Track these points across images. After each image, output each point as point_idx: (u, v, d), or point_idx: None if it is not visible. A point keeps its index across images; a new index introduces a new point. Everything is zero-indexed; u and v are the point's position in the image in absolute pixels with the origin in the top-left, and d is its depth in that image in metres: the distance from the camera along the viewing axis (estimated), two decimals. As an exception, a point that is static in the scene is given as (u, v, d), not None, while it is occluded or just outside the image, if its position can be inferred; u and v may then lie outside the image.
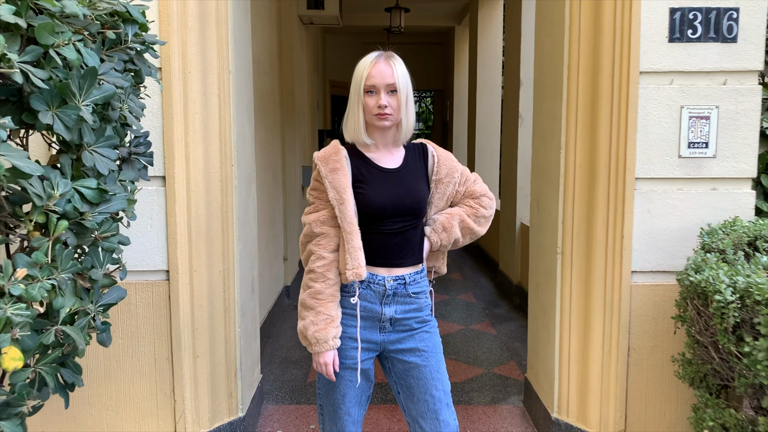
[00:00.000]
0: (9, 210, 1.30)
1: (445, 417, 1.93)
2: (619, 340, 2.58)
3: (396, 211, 1.90)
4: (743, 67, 2.49)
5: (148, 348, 2.57)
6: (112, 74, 1.49)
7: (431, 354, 1.96)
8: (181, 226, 2.52)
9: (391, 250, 1.92)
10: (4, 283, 1.22)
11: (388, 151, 1.97)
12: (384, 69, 1.85)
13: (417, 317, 1.96)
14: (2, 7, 1.14)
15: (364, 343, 1.93)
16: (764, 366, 1.61)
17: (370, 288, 1.91)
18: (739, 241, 2.07)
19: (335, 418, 1.99)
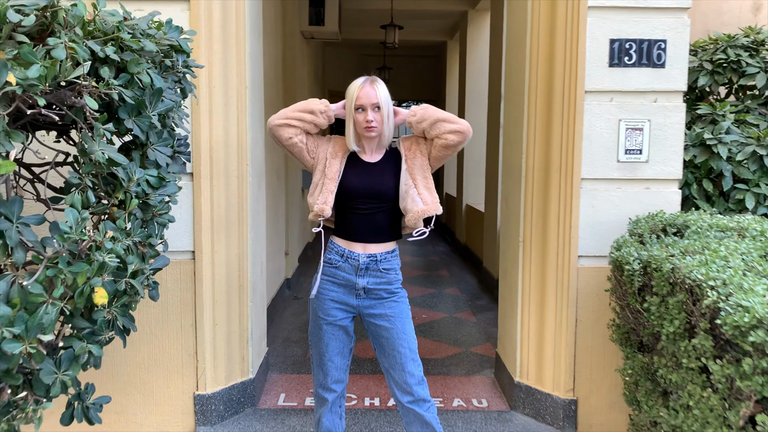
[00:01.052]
0: (103, 189, 1.82)
1: (410, 368, 2.44)
2: (569, 314, 3.10)
3: (367, 193, 2.41)
4: (670, 88, 3.03)
5: (175, 316, 3.08)
6: (169, 92, 2.02)
7: (397, 319, 2.45)
8: (204, 214, 3.04)
9: (365, 228, 2.43)
10: (101, 239, 1.74)
11: (372, 152, 2.49)
12: (369, 92, 2.38)
13: (386, 288, 2.45)
14: (108, 49, 1.67)
15: (342, 305, 2.45)
16: (656, 317, 2.13)
17: (348, 262, 2.43)
18: (655, 227, 2.60)
19: (321, 363, 2.51)
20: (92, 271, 1.74)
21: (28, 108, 1.52)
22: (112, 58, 1.70)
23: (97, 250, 1.75)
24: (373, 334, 2.50)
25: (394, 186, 2.45)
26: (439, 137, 2.38)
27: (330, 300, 2.45)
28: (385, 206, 2.45)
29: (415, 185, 2.42)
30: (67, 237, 1.63)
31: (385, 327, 2.45)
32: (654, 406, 2.29)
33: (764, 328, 1.56)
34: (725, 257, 1.99)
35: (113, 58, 1.71)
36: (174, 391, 3.11)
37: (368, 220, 2.44)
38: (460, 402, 3.46)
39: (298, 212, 6.69)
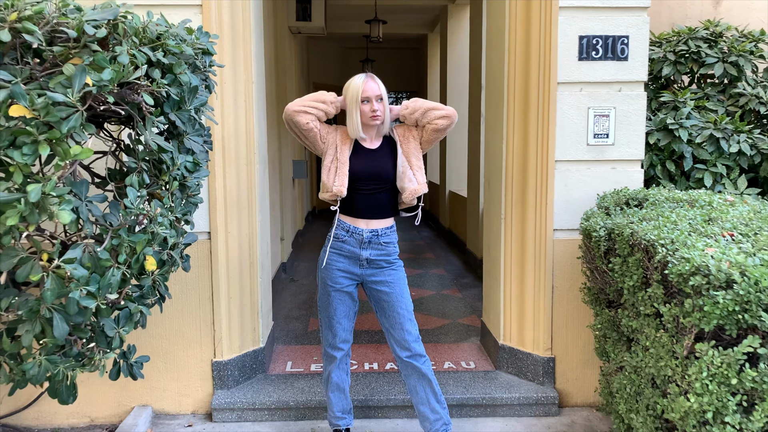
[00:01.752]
0: (154, 172, 2.15)
1: (408, 327, 2.82)
2: (546, 281, 3.47)
3: (370, 176, 2.78)
4: (633, 79, 3.41)
5: (194, 291, 3.41)
6: (201, 90, 2.35)
7: (396, 284, 2.83)
8: (219, 198, 3.36)
9: (368, 207, 2.80)
10: (154, 214, 2.07)
11: (371, 140, 2.86)
12: (373, 85, 2.75)
13: (386, 259, 2.83)
14: (158, 54, 1.99)
15: (348, 273, 2.82)
16: (619, 274, 2.51)
17: (353, 236, 2.79)
18: (619, 201, 2.98)
19: (330, 326, 2.88)
20: (146, 241, 2.08)
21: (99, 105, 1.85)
22: (161, 62, 2.02)
23: (150, 223, 2.08)
24: (375, 298, 2.85)
25: (392, 169, 2.81)
26: (430, 123, 2.77)
27: (337, 270, 2.81)
28: (385, 187, 2.81)
29: (411, 167, 2.79)
30: (129, 211, 1.97)
31: (385, 292, 2.81)
32: (619, 353, 2.68)
33: (701, 274, 1.94)
34: (675, 222, 2.37)
35: (162, 62, 2.03)
36: (193, 359, 3.45)
37: (371, 199, 2.79)
38: (450, 364, 3.84)
39: (290, 200, 7.01)
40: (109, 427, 3.38)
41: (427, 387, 2.83)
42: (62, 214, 1.77)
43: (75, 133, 1.79)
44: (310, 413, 3.38)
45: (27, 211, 1.73)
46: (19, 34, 1.76)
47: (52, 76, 1.80)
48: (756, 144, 3.99)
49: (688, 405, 1.99)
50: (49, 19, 1.82)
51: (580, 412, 3.48)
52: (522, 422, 3.36)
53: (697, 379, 1.95)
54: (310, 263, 6.86)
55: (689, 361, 2.03)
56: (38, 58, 1.85)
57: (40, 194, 1.71)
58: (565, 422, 3.36)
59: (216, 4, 3.27)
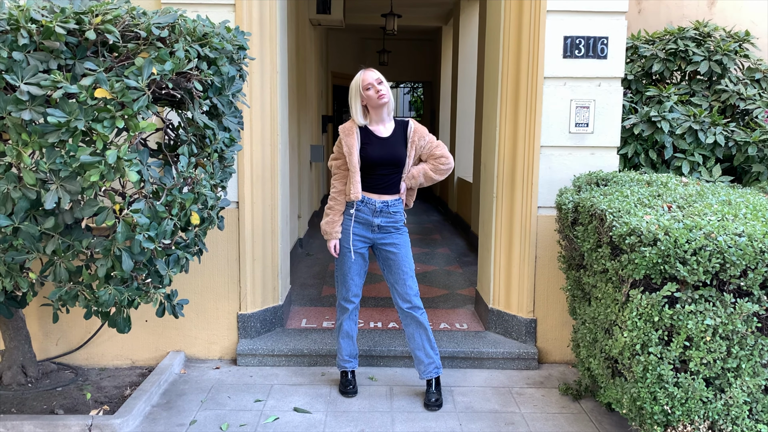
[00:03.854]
0: (200, 144, 2.66)
1: (410, 283, 3.33)
2: (530, 252, 3.96)
3: (385, 162, 3.28)
4: (611, 75, 3.87)
5: (223, 252, 3.94)
6: (236, 78, 2.86)
7: (401, 247, 3.35)
8: (246, 173, 3.88)
9: (381, 185, 3.31)
10: (199, 178, 2.59)
11: (383, 124, 3.35)
12: (371, 74, 3.25)
13: (394, 225, 3.34)
14: (206, 49, 2.50)
15: (362, 237, 3.33)
16: (581, 240, 2.99)
17: (367, 206, 3.29)
18: (590, 181, 3.46)
19: (344, 282, 3.39)
20: (192, 200, 2.59)
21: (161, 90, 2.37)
22: (207, 55, 2.54)
23: (195, 185, 2.60)
24: (383, 258, 3.36)
25: (404, 154, 3.33)
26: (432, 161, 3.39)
27: (353, 234, 3.32)
28: (397, 169, 3.32)
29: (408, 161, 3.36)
30: (181, 174, 2.49)
31: (393, 252, 3.32)
32: (582, 307, 3.16)
33: (635, 234, 2.42)
34: (626, 196, 2.85)
35: (208, 56, 2.54)
36: (221, 312, 3.98)
37: (385, 179, 3.31)
38: (445, 325, 4.34)
39: (307, 182, 7.53)
40: (147, 368, 3.93)
41: (423, 334, 3.34)
42: (131, 174, 2.29)
43: (142, 111, 2.31)
44: (321, 360, 3.91)
45: (106, 170, 2.25)
46: (102, 33, 2.28)
47: (125, 67, 2.32)
48: (732, 136, 4.42)
49: (623, 340, 2.48)
50: (125, 21, 2.33)
51: (557, 367, 3.97)
52: (505, 374, 3.86)
53: (629, 318, 2.44)
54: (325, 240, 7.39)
55: (625, 306, 2.52)
56: (114, 52, 2.37)
57: (116, 158, 2.24)
58: (543, 375, 3.86)
59: (247, 3, 3.77)
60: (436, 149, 3.37)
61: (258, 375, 3.79)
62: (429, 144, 3.36)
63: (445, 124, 10.89)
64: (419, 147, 3.35)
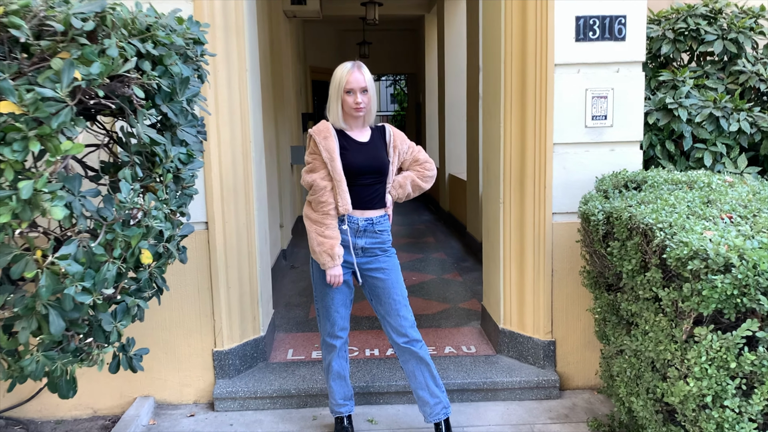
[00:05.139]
0: (147, 165, 2.13)
1: (404, 313, 2.82)
2: (545, 265, 3.47)
3: (367, 170, 2.77)
4: (630, 59, 3.37)
5: (193, 281, 3.41)
6: (193, 80, 2.32)
7: (390, 271, 2.84)
8: (215, 188, 3.35)
9: (364, 198, 2.79)
10: (148, 207, 2.06)
11: (359, 130, 2.84)
12: (358, 77, 2.71)
13: (380, 247, 2.84)
14: (148, 45, 1.97)
15: (344, 262, 2.79)
16: (617, 258, 2.50)
17: (349, 225, 2.78)
18: (618, 184, 2.96)
19: (328, 315, 2.88)
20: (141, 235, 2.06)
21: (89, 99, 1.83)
22: (151, 53, 2.00)
23: (144, 217, 2.07)
24: (370, 286, 2.85)
25: (387, 160, 2.83)
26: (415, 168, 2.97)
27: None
28: (382, 179, 2.82)
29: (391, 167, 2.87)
30: (123, 206, 1.95)
31: (380, 279, 2.81)
32: (619, 336, 2.67)
33: (699, 258, 1.92)
34: (673, 205, 2.36)
35: (152, 53, 2.00)
36: (194, 348, 3.45)
37: (368, 191, 2.78)
38: (450, 349, 3.84)
39: (289, 186, 6.99)
40: (111, 418, 3.39)
41: (425, 371, 2.83)
42: (55, 210, 1.76)
43: (65, 129, 1.77)
44: (312, 401, 3.39)
45: (19, 208, 1.72)
46: (6, 28, 1.73)
47: (40, 71, 1.78)
48: (756, 122, 3.96)
49: (687, 389, 1.99)
50: (37, 13, 1.79)
51: (581, 394, 3.49)
52: (523, 406, 3.37)
53: (696, 363, 1.95)
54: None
55: (688, 345, 2.03)
56: (26, 52, 1.82)
57: (31, 191, 1.70)
58: (567, 405, 3.37)
59: (208, -9, 3.23)
60: (420, 154, 2.98)
61: (239, 422, 3.26)
62: (410, 149, 2.96)
63: (433, 117, 10.38)
64: (401, 152, 2.91)
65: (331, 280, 2.76)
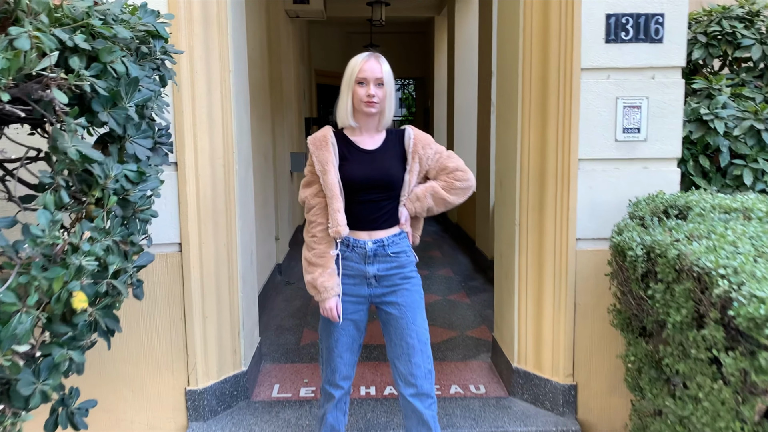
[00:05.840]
0: (78, 187, 1.71)
1: (417, 360, 2.36)
2: (567, 298, 3.02)
3: (370, 184, 2.33)
4: (668, 64, 2.93)
5: (163, 310, 2.99)
6: (146, 81, 1.90)
7: (408, 308, 2.38)
8: (191, 205, 2.93)
9: (369, 217, 2.35)
10: (78, 241, 1.64)
11: (370, 135, 2.40)
12: (374, 65, 2.29)
13: (399, 273, 2.38)
14: (77, 37, 1.55)
15: (353, 297, 2.37)
16: (661, 304, 2.06)
17: (355, 251, 2.34)
18: (656, 209, 2.52)
19: (329, 359, 2.43)
20: (69, 275, 1.64)
21: (-9, 104, 1.41)
22: (82, 47, 1.58)
23: (73, 252, 1.64)
24: (383, 321, 2.44)
25: (399, 172, 2.38)
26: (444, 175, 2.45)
27: (343, 295, 2.37)
28: (391, 194, 2.38)
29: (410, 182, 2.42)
30: (40, 241, 1.53)
31: (394, 316, 2.37)
32: (659, 394, 2.23)
33: (780, 320, 1.49)
34: (734, 242, 1.91)
35: (83, 47, 1.58)
36: (164, 386, 3.03)
37: (374, 208, 2.36)
38: (457, 389, 3.40)
39: (287, 195, 6.57)
40: (69, 465, 2.97)
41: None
42: (-58, 249, 1.34)
43: (-43, 143, 1.36)
44: (297, 450, 2.97)
45: None
46: None
47: (-74, 68, 1.37)
48: (801, 137, 3.52)
49: (760, 485, 1.55)
50: None
51: (606, 447, 3.04)
52: (539, 460, 2.93)
53: (775, 457, 1.51)
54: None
55: (762, 429, 1.59)
56: None
57: None
58: (589, 460, 2.93)
59: (184, -20, 2.81)
60: (448, 160, 2.44)
61: (212, 475, 2.84)
62: (437, 154, 2.43)
63: (441, 123, 9.94)
64: (425, 159, 2.40)
65: (324, 313, 2.34)
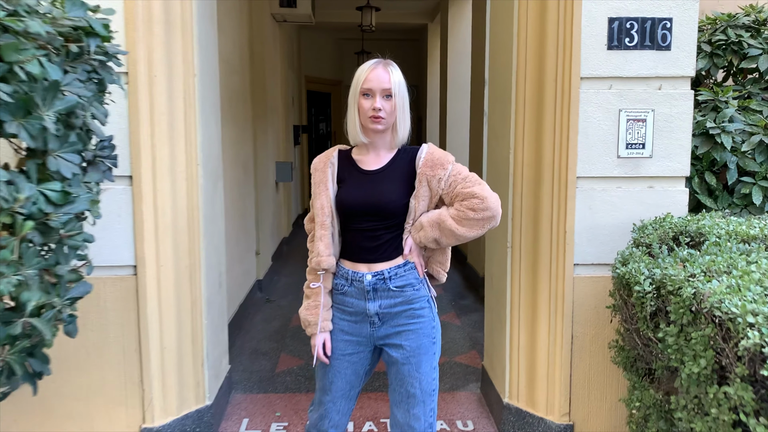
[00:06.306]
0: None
1: (417, 412, 2.04)
2: (563, 329, 2.75)
3: (365, 210, 2.02)
4: (676, 73, 2.67)
5: (117, 340, 2.69)
6: (75, 85, 1.62)
7: (413, 354, 2.04)
8: (147, 223, 2.64)
9: (367, 247, 2.04)
10: (-24, 278, 1.35)
11: (377, 155, 2.07)
12: (381, 74, 1.97)
13: (406, 311, 2.03)
14: (-31, 30, 1.27)
15: (353, 336, 2.07)
16: (674, 350, 1.78)
17: (353, 285, 2.04)
18: (665, 236, 2.25)
19: (321, 402, 2.13)
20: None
21: None
22: (-23, 43, 1.30)
23: (-31, 291, 1.36)
24: (386, 361, 2.13)
25: (400, 197, 2.03)
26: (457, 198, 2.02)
27: (339, 330, 2.09)
28: (389, 222, 2.04)
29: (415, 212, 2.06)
30: None
31: (396, 360, 2.06)
32: (668, 449, 1.95)
33: (827, 386, 1.21)
34: (760, 281, 1.64)
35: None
36: (118, 424, 2.73)
37: (370, 237, 2.05)
38: (443, 425, 3.12)
39: (270, 207, 6.28)
40: None
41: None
42: None
43: None
44: (263, 497, 2.67)
45: None
46: None
47: None
48: (814, 153, 3.26)
49: None
50: None
51: (605, 494, 2.76)
52: None
53: None
54: (293, 278, 6.13)
55: None
56: None
57: None
58: None
59: (143, -25, 2.54)
60: (463, 186, 1.97)
61: None
62: (453, 177, 1.99)
63: (434, 132, 9.68)
64: (436, 182, 1.99)
65: (312, 350, 2.07)
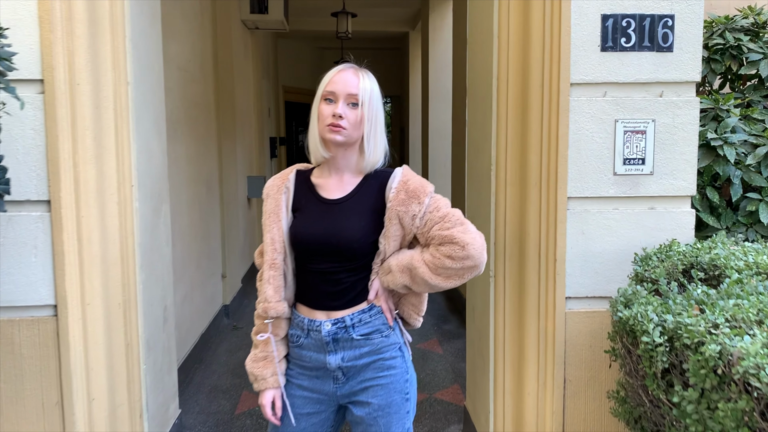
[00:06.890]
0: None
1: None
2: (555, 371, 2.39)
3: (322, 248, 1.66)
4: (680, 78, 2.34)
5: (34, 392, 2.30)
6: None
7: (382, 413, 1.70)
8: (70, 255, 2.26)
9: (326, 292, 1.70)
10: None
11: (340, 179, 1.71)
12: (349, 78, 1.64)
13: (374, 362, 1.70)
14: None
15: (312, 392, 1.73)
16: (694, 420, 1.43)
17: (310, 336, 1.70)
18: (674, 269, 1.90)
19: None
20: None
21: None
22: None
23: None
24: (351, 421, 1.78)
25: (364, 235, 1.67)
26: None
27: (296, 386, 1.74)
28: (350, 265, 1.69)
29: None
30: None
31: (363, 420, 1.72)
32: None
33: None
34: (805, 337, 1.29)
35: None
36: (37, 490, 2.34)
37: (332, 281, 1.69)
38: (419, 478, 2.75)
39: (241, 225, 5.90)
40: None
41: None
42: None
43: None
44: None
45: None
46: None
47: None
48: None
49: None
50: None
51: None
52: None
53: None
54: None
55: None
56: None
57: None
58: None
59: (62, -32, 2.17)
60: (441, 225, 1.63)
61: None
62: (429, 215, 1.65)
63: (416, 145, 9.35)
64: (410, 218, 1.64)
65: (262, 409, 1.71)
